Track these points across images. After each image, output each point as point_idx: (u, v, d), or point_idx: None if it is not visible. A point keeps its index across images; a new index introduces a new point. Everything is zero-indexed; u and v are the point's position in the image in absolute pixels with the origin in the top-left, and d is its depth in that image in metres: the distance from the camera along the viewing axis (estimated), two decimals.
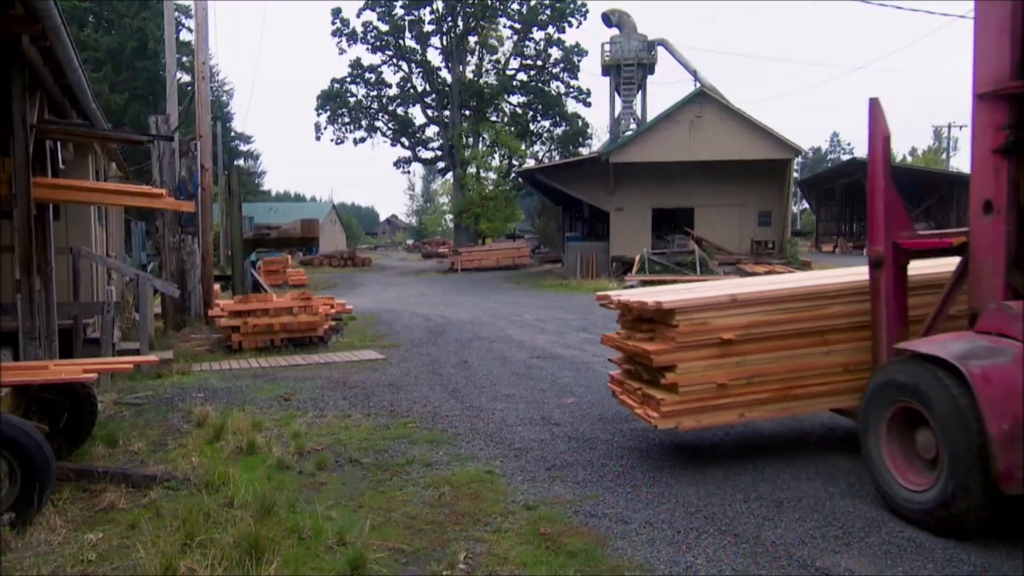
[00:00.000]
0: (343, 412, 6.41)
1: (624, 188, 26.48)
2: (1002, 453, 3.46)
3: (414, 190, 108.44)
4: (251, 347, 10.08)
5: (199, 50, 12.89)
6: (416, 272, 36.56)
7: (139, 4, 37.69)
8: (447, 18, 43.78)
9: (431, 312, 15.81)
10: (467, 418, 6.15)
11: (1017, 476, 3.43)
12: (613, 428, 5.71)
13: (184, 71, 31.15)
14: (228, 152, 51.32)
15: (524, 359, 9.18)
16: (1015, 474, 3.43)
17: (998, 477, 3.46)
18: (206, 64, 13.06)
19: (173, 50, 13.03)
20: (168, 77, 13.07)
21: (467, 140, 44.12)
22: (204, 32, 12.80)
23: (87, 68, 11.27)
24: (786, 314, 4.87)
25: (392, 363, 9.08)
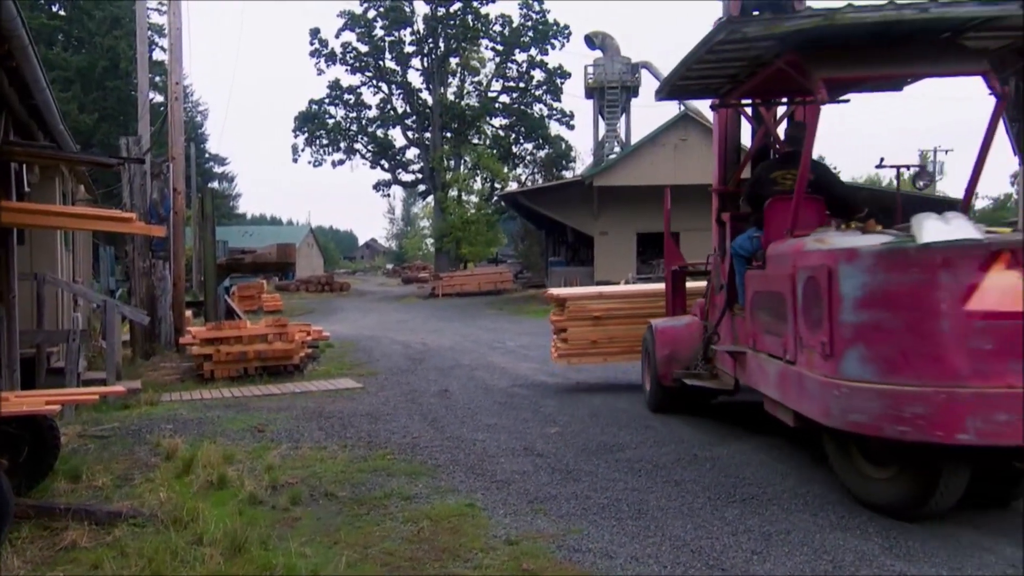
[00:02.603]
0: (319, 443, 6.34)
1: (608, 212, 26.71)
2: (661, 366, 7.13)
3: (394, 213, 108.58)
4: (224, 376, 9.97)
5: (173, 70, 12.90)
6: (396, 297, 36.45)
7: (110, 22, 37.73)
8: (428, 39, 44.24)
9: (411, 339, 15.75)
10: (447, 449, 6.11)
11: (668, 377, 7.02)
12: (597, 459, 5.69)
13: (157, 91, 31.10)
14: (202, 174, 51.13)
15: (506, 387, 9.16)
16: (667, 376, 7.05)
17: (659, 378, 7.16)
18: (180, 84, 13.07)
19: (146, 69, 13.03)
20: (140, 97, 13.05)
21: (448, 163, 44.36)
22: (178, 51, 12.82)
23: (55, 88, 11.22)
24: (628, 304, 9.05)
25: (370, 392, 9.01)
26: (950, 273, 3.91)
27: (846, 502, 4.55)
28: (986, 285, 3.85)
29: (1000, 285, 3.83)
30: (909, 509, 4.25)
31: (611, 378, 9.58)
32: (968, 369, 3.84)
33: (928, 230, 4.14)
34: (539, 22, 44.45)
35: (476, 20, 43.69)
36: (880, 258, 4.14)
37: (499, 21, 44.49)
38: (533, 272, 43.35)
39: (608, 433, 6.52)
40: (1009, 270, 3.84)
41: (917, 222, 4.28)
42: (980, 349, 3.83)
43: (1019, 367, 3.78)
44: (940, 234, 4.07)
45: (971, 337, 3.85)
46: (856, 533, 4.09)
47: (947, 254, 3.94)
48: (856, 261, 4.21)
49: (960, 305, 3.87)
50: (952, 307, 3.88)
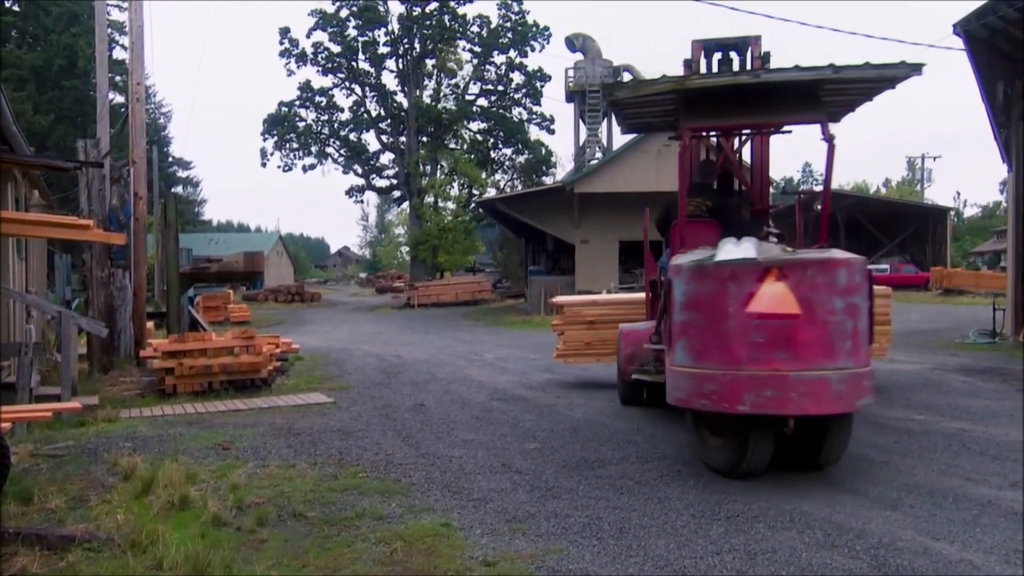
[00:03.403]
0: (287, 461, 6.28)
1: (590, 219, 26.83)
2: (624, 364, 8.24)
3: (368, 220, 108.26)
4: (187, 391, 9.86)
5: (134, 69, 12.79)
6: (369, 308, 36.31)
7: (68, 19, 37.34)
8: (403, 40, 44.33)
9: (385, 351, 15.69)
10: (422, 466, 6.08)
11: (628, 374, 8.05)
12: (578, 476, 5.69)
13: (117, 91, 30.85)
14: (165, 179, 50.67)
15: (484, 401, 9.15)
16: (627, 373, 8.07)
17: (623, 374, 8.28)
18: (141, 84, 12.95)
19: (105, 69, 12.91)
20: (99, 98, 12.93)
21: (424, 168, 44.40)
22: (139, 50, 12.71)
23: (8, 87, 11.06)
24: (619, 309, 10.03)
25: (342, 407, 8.96)
26: (735, 284, 5.20)
27: (834, 520, 4.59)
28: (760, 293, 5.13)
29: (770, 293, 5.11)
30: (732, 470, 5.47)
31: (593, 393, 9.60)
32: (746, 356, 5.12)
33: (722, 252, 5.48)
34: (518, 23, 44.73)
35: (453, 20, 43.89)
36: (692, 272, 5.45)
37: (477, 22, 44.75)
38: (512, 281, 43.43)
39: (589, 449, 6.52)
40: (777, 281, 5.11)
41: (720, 245, 5.64)
42: (755, 342, 5.10)
43: (784, 355, 5.06)
44: (730, 254, 5.38)
45: (749, 332, 5.12)
46: (844, 552, 4.13)
47: (733, 269, 5.24)
48: (681, 275, 5.54)
49: (742, 308, 5.14)
50: (736, 309, 5.16)
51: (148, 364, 10.57)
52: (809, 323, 5.07)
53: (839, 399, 5.08)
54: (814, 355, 5.06)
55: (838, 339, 5.10)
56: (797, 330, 5.06)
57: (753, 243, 5.54)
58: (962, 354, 13.00)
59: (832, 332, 5.09)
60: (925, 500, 4.91)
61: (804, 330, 5.06)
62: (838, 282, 5.14)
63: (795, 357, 5.05)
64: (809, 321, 5.07)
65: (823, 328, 5.08)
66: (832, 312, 5.09)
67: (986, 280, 31.18)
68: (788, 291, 5.07)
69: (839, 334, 5.10)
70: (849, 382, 5.10)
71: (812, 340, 5.06)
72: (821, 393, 5.04)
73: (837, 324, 5.10)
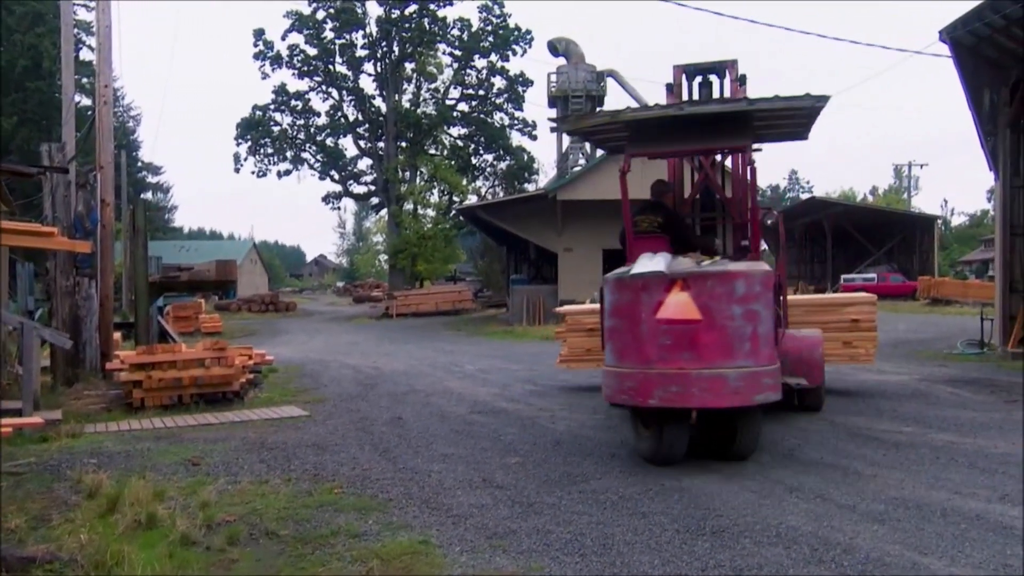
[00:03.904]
0: (260, 477, 6.23)
1: (573, 227, 26.91)
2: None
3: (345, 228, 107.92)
4: (155, 404, 9.76)
5: (101, 70, 12.69)
6: (346, 318, 36.15)
7: (32, 18, 37.00)
8: (381, 43, 44.34)
9: (362, 363, 15.64)
10: (400, 481, 6.05)
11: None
12: (560, 490, 5.69)
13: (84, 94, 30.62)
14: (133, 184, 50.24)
15: (464, 414, 9.14)
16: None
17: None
18: (109, 86, 12.84)
19: (71, 70, 12.81)
20: (65, 100, 12.82)
21: (403, 174, 44.36)
22: (107, 50, 12.61)
23: None
24: None
25: (317, 420, 8.91)
26: (647, 293, 6.10)
27: (821, 534, 4.62)
28: (668, 301, 5.99)
29: (675, 301, 5.97)
30: (654, 457, 6.30)
31: (576, 405, 9.61)
32: (656, 356, 6.01)
33: (637, 265, 6.35)
34: (499, 26, 44.90)
35: (433, 23, 43.99)
36: (614, 283, 6.41)
37: (457, 25, 44.90)
38: (494, 291, 43.45)
39: (572, 463, 6.52)
40: (681, 291, 5.98)
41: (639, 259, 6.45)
42: (664, 344, 5.98)
43: (687, 355, 5.92)
44: (643, 267, 6.27)
45: (658, 336, 6.00)
46: (831, 567, 4.15)
47: (645, 281, 6.14)
48: (607, 285, 6.50)
49: (652, 314, 6.02)
50: (648, 316, 6.05)
51: (115, 377, 10.44)
52: (709, 327, 5.93)
53: (737, 394, 5.91)
54: (713, 355, 5.92)
55: (736, 341, 5.93)
56: (699, 334, 5.93)
57: (665, 258, 6.40)
58: (950, 365, 13.17)
59: (731, 335, 5.93)
60: (913, 514, 4.95)
61: (705, 334, 5.93)
62: (736, 291, 5.96)
63: (697, 357, 5.93)
64: (709, 326, 5.93)
65: (722, 332, 5.93)
66: (731, 318, 5.94)
67: (974, 290, 31.64)
68: (690, 300, 5.96)
69: (738, 337, 5.93)
70: (747, 379, 5.92)
71: (712, 342, 5.92)
72: (720, 389, 5.89)
73: (736, 328, 5.93)
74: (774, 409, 8.86)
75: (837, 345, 9.97)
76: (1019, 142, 14.04)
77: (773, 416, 8.37)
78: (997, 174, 14.04)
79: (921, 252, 40.93)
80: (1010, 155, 13.77)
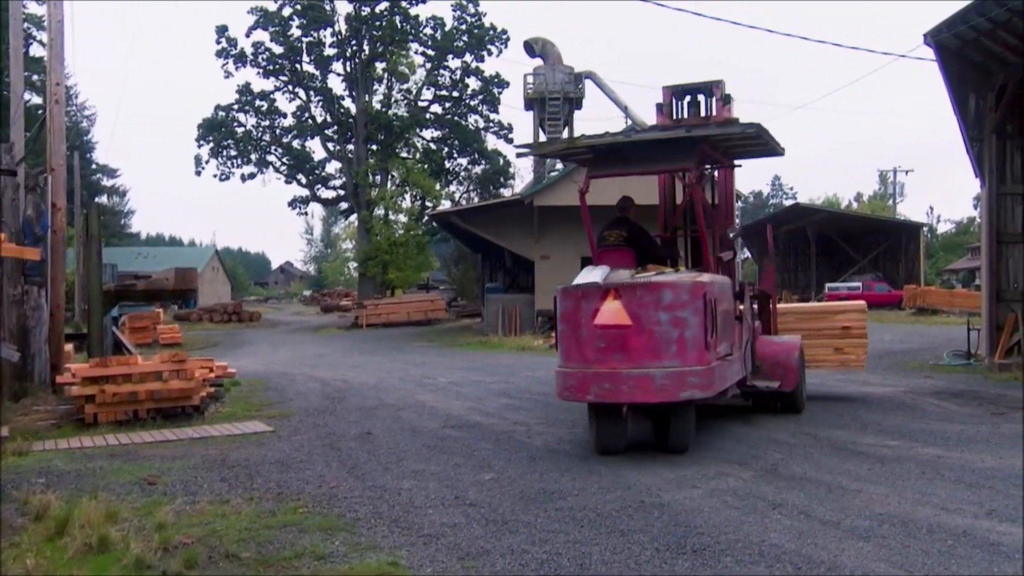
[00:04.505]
0: (220, 496, 6.16)
1: (550, 234, 26.98)
2: None
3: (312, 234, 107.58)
4: (109, 420, 9.62)
5: (53, 68, 12.52)
6: (314, 328, 35.94)
7: None
8: (351, 41, 44.22)
9: (330, 375, 15.56)
10: (369, 500, 6.02)
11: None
12: (536, 508, 5.69)
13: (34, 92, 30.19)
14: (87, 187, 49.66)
15: (436, 429, 9.12)
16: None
17: None
18: (61, 84, 12.68)
19: (20, 67, 12.65)
20: (13, 99, 12.64)
21: (374, 178, 44.22)
22: (59, 47, 12.45)
23: None
24: None
25: (282, 436, 8.84)
26: (586, 301, 7.16)
27: (804, 552, 4.66)
28: (603, 309, 7.00)
29: (609, 309, 6.97)
30: (597, 449, 7.34)
31: (553, 419, 9.62)
32: (593, 357, 7.05)
33: (580, 276, 7.57)
34: (474, 25, 44.97)
35: (405, 21, 43.94)
36: (563, 293, 7.43)
37: (430, 23, 44.84)
38: (468, 300, 43.43)
39: (548, 479, 6.53)
40: (614, 300, 6.99)
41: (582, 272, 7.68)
42: (599, 346, 7.02)
43: (619, 357, 6.94)
44: (584, 279, 7.44)
45: (596, 339, 7.03)
46: None
47: (585, 290, 7.25)
48: (558, 294, 7.48)
49: (591, 320, 7.05)
50: (587, 321, 7.08)
51: (66, 391, 10.27)
52: (638, 332, 6.93)
53: (662, 391, 6.87)
54: (642, 357, 6.91)
55: (663, 344, 6.91)
56: (629, 337, 6.94)
57: (603, 270, 7.56)
58: (936, 376, 13.37)
59: (658, 339, 6.92)
60: (899, 530, 5.01)
61: (634, 337, 6.93)
62: (663, 300, 6.97)
63: (627, 358, 6.94)
64: (638, 330, 6.93)
65: (650, 336, 6.93)
66: (658, 323, 6.93)
67: (960, 299, 32.21)
68: (622, 307, 6.95)
69: (664, 340, 6.91)
70: (672, 378, 6.85)
71: (640, 345, 6.93)
72: (647, 386, 6.87)
73: (662, 333, 6.91)
74: (755, 412, 9.49)
75: (829, 351, 10.84)
76: (1005, 148, 14.32)
77: (756, 428, 8.46)
78: (983, 181, 14.29)
79: (907, 260, 41.57)
80: (996, 161, 14.03)
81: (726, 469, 6.69)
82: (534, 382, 13.48)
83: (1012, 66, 13.30)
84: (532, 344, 22.94)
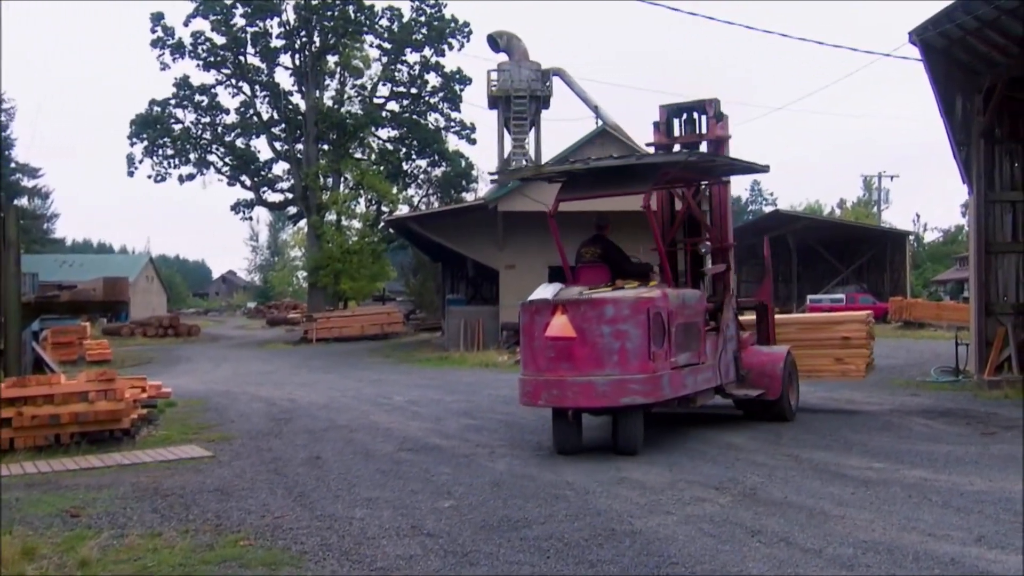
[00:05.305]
0: (152, 529, 6.06)
1: (516, 242, 27.06)
2: None
3: (257, 241, 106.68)
4: (28, 446, 9.42)
5: None
6: (259, 343, 35.64)
7: None
8: (300, 32, 44.04)
9: (276, 394, 15.46)
10: (317, 530, 5.96)
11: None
12: (499, 537, 5.67)
13: None
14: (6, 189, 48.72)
15: (392, 452, 9.09)
16: None
17: None
18: None
19: None
20: None
21: (325, 181, 44.02)
22: None
23: None
24: None
25: (222, 462, 8.76)
26: (539, 315, 8.46)
27: None
28: (552, 322, 8.28)
29: (559, 323, 8.25)
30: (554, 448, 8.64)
31: (518, 440, 9.63)
32: (544, 366, 8.40)
33: (535, 292, 8.86)
34: (434, 17, 45.05)
35: (359, 11, 43.87)
36: (523, 307, 8.76)
37: (386, 14, 44.86)
38: (428, 312, 43.32)
39: (512, 506, 6.52)
40: (562, 315, 8.25)
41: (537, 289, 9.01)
42: (550, 356, 8.34)
43: (565, 366, 8.23)
44: (538, 295, 8.75)
45: (547, 349, 8.36)
46: None
47: (538, 305, 8.56)
48: (520, 308, 8.84)
49: (543, 332, 8.36)
50: (540, 334, 8.41)
51: None
52: (582, 343, 8.17)
53: (604, 397, 8.13)
54: (585, 366, 8.15)
55: (605, 355, 8.11)
56: (574, 348, 8.19)
57: (554, 287, 8.90)
58: (923, 394, 13.63)
59: (600, 350, 8.13)
60: (884, 558, 5.08)
61: (579, 348, 8.18)
62: (605, 315, 8.16)
63: (572, 367, 8.19)
64: (582, 342, 8.17)
65: (593, 347, 8.15)
66: (600, 336, 8.15)
67: (948, 312, 32.88)
68: (568, 321, 8.20)
69: (606, 351, 8.11)
70: (613, 385, 8.06)
71: (584, 355, 8.16)
72: (590, 393, 8.17)
73: (604, 344, 8.12)
74: (745, 420, 10.29)
75: (829, 361, 11.89)
76: (993, 153, 14.62)
77: (734, 450, 8.54)
78: (971, 187, 14.58)
79: (892, 271, 42.36)
80: (984, 167, 14.31)
81: (702, 494, 6.74)
82: (498, 401, 13.48)
83: (1000, 67, 13.61)
84: (496, 360, 22.94)
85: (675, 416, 10.51)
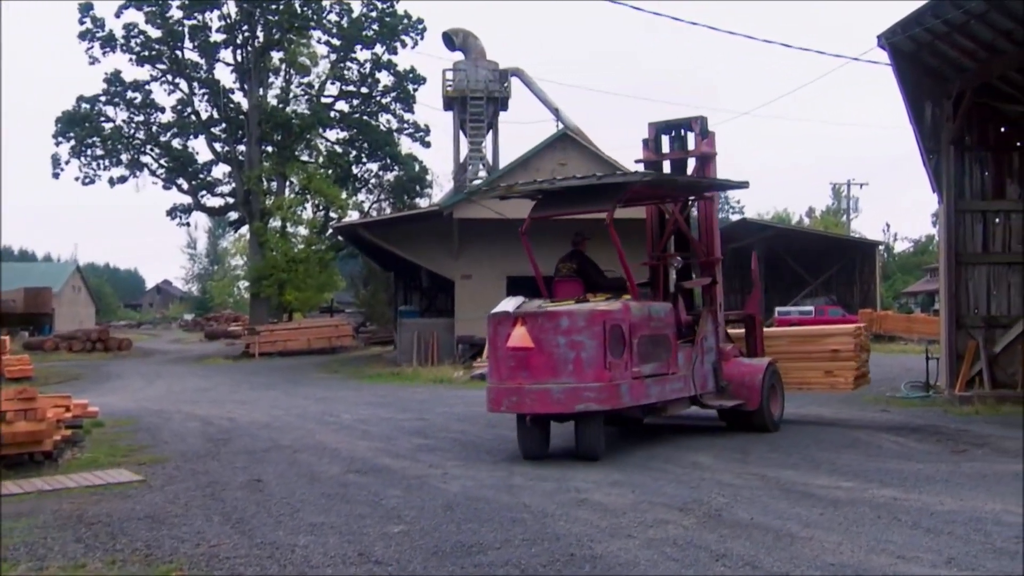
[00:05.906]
0: (75, 561, 5.93)
1: (472, 250, 27.11)
2: None
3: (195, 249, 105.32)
4: None
5: None
6: (196, 358, 35.20)
7: None
8: (242, 27, 43.70)
9: (214, 413, 15.28)
10: (257, 559, 5.88)
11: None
12: (452, 564, 5.66)
13: None
14: None
15: (338, 474, 9.02)
16: None
17: None
18: None
19: None
20: None
21: (269, 185, 43.68)
22: None
23: None
24: None
25: (153, 486, 8.61)
26: (502, 327, 9.32)
27: None
28: (513, 333, 9.11)
29: (518, 334, 9.06)
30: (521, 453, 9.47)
31: (473, 459, 9.63)
32: (505, 375, 9.28)
33: (499, 305, 9.67)
34: (386, 12, 45.02)
35: (305, 6, 43.66)
36: (489, 318, 9.62)
37: (335, 9, 44.72)
38: (379, 324, 43.16)
39: (466, 530, 6.50)
40: (522, 327, 9.08)
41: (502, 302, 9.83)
42: (510, 365, 9.21)
43: (524, 374, 9.09)
44: (502, 307, 9.54)
45: (507, 359, 9.23)
46: None
47: (500, 317, 9.41)
48: (487, 320, 9.67)
49: (505, 343, 9.20)
50: (502, 344, 9.27)
51: None
52: (539, 353, 9.01)
53: (559, 403, 8.97)
54: (541, 374, 8.99)
55: (561, 364, 8.96)
56: (531, 358, 9.04)
57: (516, 300, 9.70)
58: (893, 410, 13.91)
59: (556, 359, 8.98)
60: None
61: (535, 358, 9.02)
62: (560, 326, 9.03)
63: (530, 376, 9.05)
64: (539, 352, 9.01)
65: (549, 356, 9.00)
66: (556, 346, 8.99)
67: (919, 324, 33.66)
68: (526, 332, 9.02)
69: (562, 360, 8.96)
70: (568, 393, 8.90)
71: (541, 364, 9.01)
72: (546, 400, 9.00)
73: (560, 354, 8.97)
74: (726, 430, 11.04)
75: (819, 374, 12.61)
76: (964, 161, 15.00)
77: (699, 469, 8.62)
78: (941, 196, 14.93)
79: (862, 282, 43.20)
80: (954, 175, 14.67)
81: (665, 515, 6.79)
82: (452, 419, 13.46)
83: (969, 72, 13.98)
84: (451, 375, 22.92)
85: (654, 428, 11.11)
